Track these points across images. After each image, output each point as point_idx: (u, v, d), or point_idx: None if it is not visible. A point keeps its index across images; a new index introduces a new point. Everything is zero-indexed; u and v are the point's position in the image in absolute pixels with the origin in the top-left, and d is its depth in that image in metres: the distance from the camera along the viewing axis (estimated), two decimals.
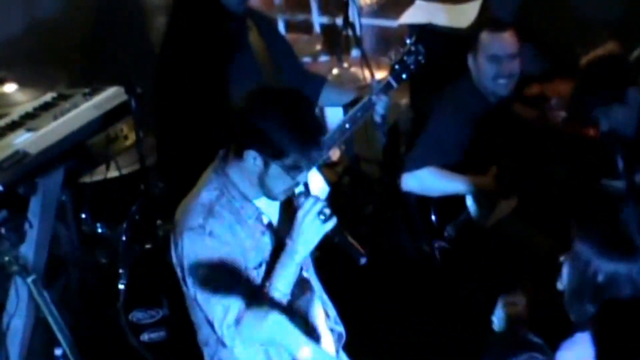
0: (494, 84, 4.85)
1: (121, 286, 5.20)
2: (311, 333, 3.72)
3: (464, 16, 5.95)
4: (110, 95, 4.95)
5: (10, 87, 5.42)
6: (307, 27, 7.21)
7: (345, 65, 6.09)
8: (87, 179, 5.44)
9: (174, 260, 3.62)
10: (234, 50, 4.56)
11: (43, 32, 6.49)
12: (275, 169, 3.43)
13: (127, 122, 5.00)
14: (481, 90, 4.93)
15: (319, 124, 3.50)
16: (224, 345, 3.61)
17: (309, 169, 3.51)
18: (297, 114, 3.43)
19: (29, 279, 4.29)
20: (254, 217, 3.58)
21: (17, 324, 4.74)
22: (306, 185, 3.79)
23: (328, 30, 6.99)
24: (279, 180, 3.46)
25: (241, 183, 3.53)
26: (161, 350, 5.24)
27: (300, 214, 3.44)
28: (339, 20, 6.28)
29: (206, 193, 3.56)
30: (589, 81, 4.61)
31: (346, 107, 5.29)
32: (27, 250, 4.55)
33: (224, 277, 3.47)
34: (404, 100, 6.44)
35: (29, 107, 5.05)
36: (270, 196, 3.55)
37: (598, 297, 3.28)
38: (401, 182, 4.92)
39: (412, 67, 4.49)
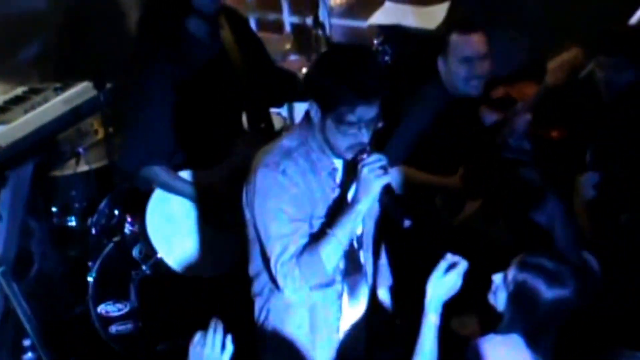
0: (466, 85, 4.81)
1: (90, 279, 5.16)
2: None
3: (432, 18, 5.96)
4: (81, 91, 4.93)
5: None
6: (278, 26, 7.18)
7: None
8: (57, 172, 5.39)
9: (244, 202, 3.67)
10: (204, 47, 4.50)
11: (16, 27, 6.43)
12: (329, 122, 3.48)
13: (97, 117, 4.98)
14: (450, 92, 4.88)
15: (372, 83, 3.43)
16: (277, 289, 3.64)
17: (360, 127, 3.47)
18: (350, 68, 3.45)
19: None
20: (327, 171, 3.63)
21: None
22: None
23: (298, 30, 6.97)
24: (336, 134, 3.49)
25: (319, 136, 3.57)
26: (129, 343, 5.22)
27: (362, 166, 3.47)
28: (310, 20, 6.25)
29: (287, 140, 3.63)
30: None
31: None
32: None
33: (288, 215, 3.51)
34: None
35: (0, 100, 5.01)
36: (335, 152, 3.57)
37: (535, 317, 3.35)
38: None
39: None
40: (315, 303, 3.70)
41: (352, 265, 3.78)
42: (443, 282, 3.41)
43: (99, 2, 6.19)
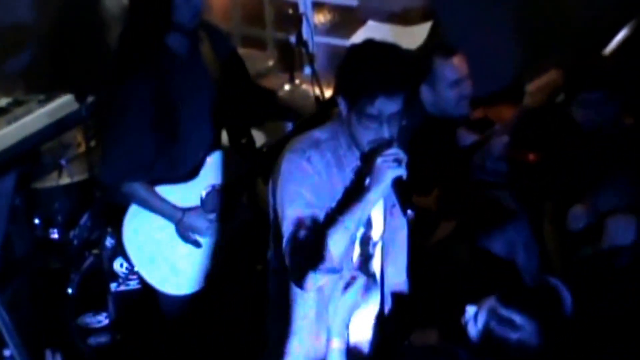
0: (457, 107, 4.87)
1: (70, 291, 5.15)
2: None
3: (414, 38, 5.97)
4: (64, 103, 4.91)
5: None
6: (262, 43, 7.19)
7: (297, 82, 6.08)
8: (40, 184, 5.37)
9: (270, 187, 3.70)
10: (184, 63, 4.51)
11: (0, 39, 6.43)
12: (353, 116, 3.51)
13: (80, 130, 4.97)
14: (433, 114, 4.91)
15: (392, 76, 3.45)
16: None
17: (381, 122, 3.48)
18: (372, 60, 3.48)
19: None
20: (351, 168, 3.64)
21: None
22: None
23: (282, 47, 6.98)
24: (359, 128, 3.52)
25: (347, 131, 3.60)
26: (107, 355, 5.23)
27: (377, 157, 3.49)
28: (293, 38, 6.27)
29: (319, 132, 3.67)
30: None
31: (295, 122, 5.29)
32: None
33: (306, 200, 3.54)
34: None
35: None
36: (359, 147, 3.58)
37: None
38: None
39: None
40: (325, 295, 3.68)
41: (365, 268, 3.81)
42: (343, 303, 3.42)
43: (83, 16, 6.22)
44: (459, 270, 4.72)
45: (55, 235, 5.47)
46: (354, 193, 3.60)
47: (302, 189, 3.55)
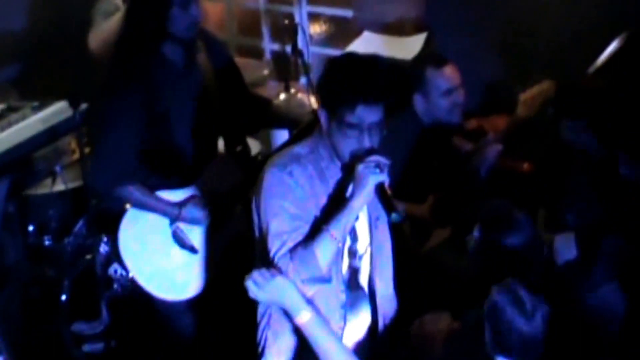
0: (450, 116, 4.88)
1: (64, 297, 5.12)
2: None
3: (409, 49, 5.97)
4: (57, 110, 4.90)
5: None
6: (258, 53, 7.19)
7: (293, 91, 6.06)
8: (34, 191, 5.34)
9: (253, 205, 3.69)
10: (180, 72, 4.49)
11: None
12: (334, 125, 3.51)
13: (74, 137, 4.95)
14: (427, 124, 4.91)
15: (372, 84, 3.47)
16: None
17: (361, 130, 3.48)
18: (352, 70, 3.50)
19: None
20: (334, 179, 3.64)
21: None
22: None
23: (278, 57, 6.97)
24: (340, 138, 3.52)
25: (328, 143, 3.60)
26: None
27: (358, 163, 3.50)
28: (289, 48, 6.26)
29: (299, 147, 3.68)
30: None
31: (292, 131, 5.27)
32: None
33: (290, 214, 3.54)
34: None
35: None
36: (339, 157, 3.58)
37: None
38: None
39: None
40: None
41: (354, 280, 3.79)
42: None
43: (76, 24, 6.22)
44: (452, 278, 4.70)
45: (49, 242, 5.46)
46: (338, 203, 3.59)
47: (285, 202, 3.54)
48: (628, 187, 4.36)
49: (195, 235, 4.59)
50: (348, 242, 3.69)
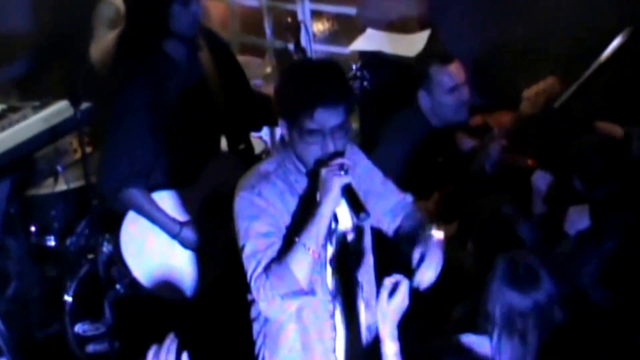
0: (456, 113, 4.90)
1: (67, 298, 5.09)
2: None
3: (412, 45, 5.96)
4: (59, 109, 4.89)
5: None
6: (261, 51, 7.17)
7: None
8: (36, 191, 5.32)
9: (234, 227, 3.64)
10: (182, 69, 4.47)
11: None
12: (295, 135, 3.46)
13: (76, 136, 4.94)
14: (432, 120, 4.93)
15: (328, 87, 3.40)
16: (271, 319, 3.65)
17: (324, 135, 3.40)
18: (307, 75, 3.47)
19: None
20: (305, 191, 3.58)
21: None
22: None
23: (281, 55, 6.95)
24: (302, 146, 3.46)
25: (293, 155, 3.55)
26: None
27: (322, 168, 3.44)
28: (292, 46, 6.23)
29: (265, 164, 3.63)
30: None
31: None
32: None
33: (263, 233, 3.50)
34: (354, 125, 6.41)
35: None
36: (306, 166, 3.52)
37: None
38: None
39: (357, 91, 4.42)
40: (307, 324, 3.64)
41: (346, 285, 3.72)
42: (391, 309, 3.39)
43: (76, 25, 6.22)
44: (458, 273, 4.68)
45: (52, 243, 5.45)
46: (309, 214, 3.52)
47: (256, 223, 3.49)
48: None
49: (197, 235, 4.57)
50: (330, 251, 3.63)
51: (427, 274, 3.54)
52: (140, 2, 4.44)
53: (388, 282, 3.41)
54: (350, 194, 3.43)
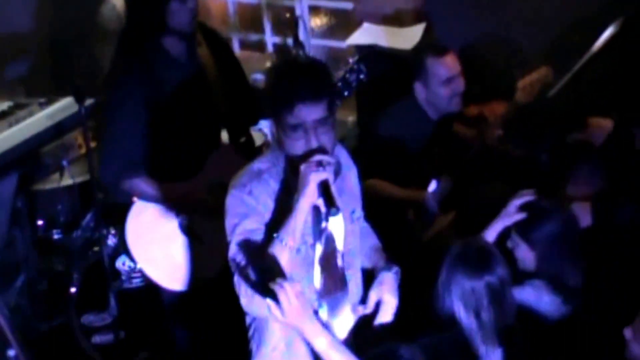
0: (449, 104, 4.88)
1: (73, 290, 5.12)
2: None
3: (408, 39, 5.97)
4: (64, 106, 4.91)
5: None
6: (260, 46, 7.19)
7: None
8: (42, 186, 5.34)
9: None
10: (180, 65, 4.50)
11: (2, 45, 6.46)
12: (281, 132, 3.44)
13: (81, 132, 4.96)
14: (428, 111, 4.92)
15: (305, 82, 3.38)
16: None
17: (306, 131, 3.38)
18: (286, 71, 3.45)
19: None
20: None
21: None
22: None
23: (280, 50, 6.98)
24: (288, 142, 3.43)
25: (285, 154, 3.52)
26: (111, 352, 5.18)
27: (302, 164, 3.41)
28: (291, 40, 6.26)
29: (258, 163, 3.59)
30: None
31: None
32: None
33: (250, 231, 3.47)
34: (351, 118, 6.43)
35: None
36: (293, 161, 3.47)
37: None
38: None
39: (353, 84, 4.43)
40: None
41: (333, 284, 3.68)
42: None
43: (81, 23, 6.25)
44: None
45: (58, 236, 5.46)
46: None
47: (244, 221, 3.47)
48: None
49: (202, 225, 4.59)
50: (319, 251, 3.60)
51: (385, 317, 3.62)
52: (139, 0, 4.48)
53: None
54: (325, 190, 3.39)
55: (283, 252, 3.40)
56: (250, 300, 3.45)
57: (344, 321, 3.73)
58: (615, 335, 3.49)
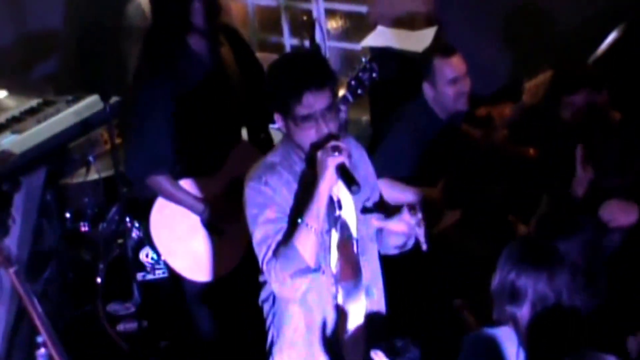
0: (456, 103, 4.87)
1: (99, 280, 5.17)
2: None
3: (420, 41, 5.96)
4: (91, 103, 4.95)
5: (0, 94, 5.38)
6: (278, 48, 7.19)
7: None
8: (70, 180, 5.40)
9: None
10: (204, 63, 4.54)
11: (32, 44, 6.49)
12: (291, 125, 3.45)
13: (106, 129, 5.00)
14: (436, 111, 4.92)
15: (310, 69, 3.41)
16: (278, 300, 3.66)
17: (316, 119, 3.41)
18: (288, 63, 3.50)
19: (11, 270, 4.24)
20: (312, 179, 3.52)
21: (1, 311, 4.72)
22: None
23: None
24: (299, 134, 3.46)
25: (296, 146, 3.54)
26: (134, 339, 5.23)
27: (318, 151, 3.44)
28: (308, 43, 6.27)
29: (271, 156, 3.61)
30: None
31: None
32: (11, 243, 4.52)
33: (271, 220, 3.51)
34: (365, 117, 6.45)
35: (16, 111, 5.04)
36: (305, 151, 3.51)
37: (516, 301, 3.34)
38: None
39: (366, 83, 4.46)
40: (311, 305, 3.65)
41: (349, 269, 3.71)
42: None
43: (107, 24, 6.28)
44: (464, 258, 4.72)
45: (85, 228, 5.50)
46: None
47: (265, 211, 3.50)
48: None
49: (222, 220, 4.64)
50: (335, 237, 3.63)
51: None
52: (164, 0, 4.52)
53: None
54: (343, 172, 3.43)
55: (309, 236, 3.44)
56: (283, 283, 3.49)
57: (359, 306, 3.76)
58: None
